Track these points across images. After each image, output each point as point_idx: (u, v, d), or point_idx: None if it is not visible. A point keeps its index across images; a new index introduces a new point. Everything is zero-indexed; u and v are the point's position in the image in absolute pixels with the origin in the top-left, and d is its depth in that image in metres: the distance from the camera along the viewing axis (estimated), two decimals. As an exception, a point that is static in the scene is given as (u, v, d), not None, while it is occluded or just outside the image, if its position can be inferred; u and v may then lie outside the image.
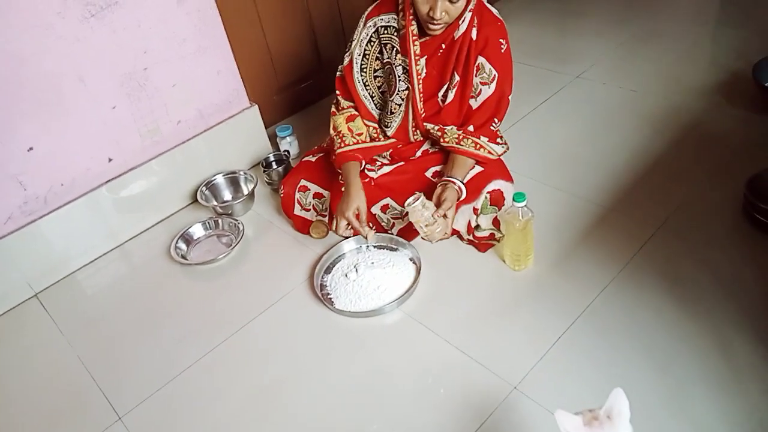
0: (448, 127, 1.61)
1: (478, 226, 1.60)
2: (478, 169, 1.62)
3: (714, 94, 2.12)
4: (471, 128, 1.58)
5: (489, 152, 1.59)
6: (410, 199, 1.47)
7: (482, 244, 1.62)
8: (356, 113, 1.69)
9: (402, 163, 1.71)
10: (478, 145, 1.58)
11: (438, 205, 1.49)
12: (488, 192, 1.58)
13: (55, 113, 1.63)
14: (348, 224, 1.56)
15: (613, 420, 0.83)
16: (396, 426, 1.25)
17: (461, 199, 1.54)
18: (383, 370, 1.37)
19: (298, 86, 2.42)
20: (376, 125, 1.72)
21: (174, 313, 1.62)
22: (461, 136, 1.58)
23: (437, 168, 1.67)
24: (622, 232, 1.61)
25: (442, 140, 1.62)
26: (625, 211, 1.68)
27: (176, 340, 1.53)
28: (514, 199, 1.42)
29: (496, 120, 1.59)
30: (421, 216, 1.47)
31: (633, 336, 1.34)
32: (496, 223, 1.59)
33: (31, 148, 1.62)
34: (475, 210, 1.58)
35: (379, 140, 1.72)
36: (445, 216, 1.49)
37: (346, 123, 1.68)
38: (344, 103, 1.70)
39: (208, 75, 1.92)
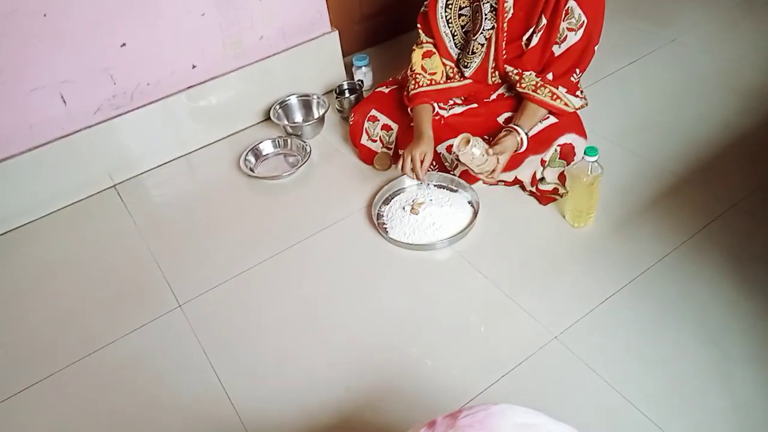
0: (527, 73, 1.57)
1: (543, 179, 1.58)
2: (552, 120, 1.58)
3: (822, 75, 1.97)
4: (550, 76, 1.54)
5: (565, 104, 1.55)
6: (457, 139, 1.43)
7: (544, 197, 1.61)
8: (434, 50, 1.67)
9: (475, 105, 1.69)
10: (555, 96, 1.54)
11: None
12: (559, 145, 1.55)
13: (149, 14, 1.69)
14: (411, 164, 1.52)
15: None
16: (433, 352, 1.30)
17: (520, 151, 1.52)
18: (428, 301, 1.41)
19: (380, 18, 2.39)
20: (453, 65, 1.70)
21: (238, 220, 1.70)
22: (538, 84, 1.54)
23: (509, 114, 1.64)
24: (692, 204, 1.56)
25: (518, 85, 1.58)
26: (700, 185, 1.61)
27: (237, 244, 1.62)
28: (585, 153, 1.39)
29: (577, 71, 1.53)
30: (471, 156, 1.42)
31: (685, 308, 1.32)
32: (561, 178, 1.57)
33: (124, 44, 1.70)
34: (542, 162, 1.56)
35: (455, 80, 1.70)
36: (495, 158, 1.45)
37: (422, 59, 1.67)
38: (424, 38, 1.68)
39: (294, -7, 1.93)
